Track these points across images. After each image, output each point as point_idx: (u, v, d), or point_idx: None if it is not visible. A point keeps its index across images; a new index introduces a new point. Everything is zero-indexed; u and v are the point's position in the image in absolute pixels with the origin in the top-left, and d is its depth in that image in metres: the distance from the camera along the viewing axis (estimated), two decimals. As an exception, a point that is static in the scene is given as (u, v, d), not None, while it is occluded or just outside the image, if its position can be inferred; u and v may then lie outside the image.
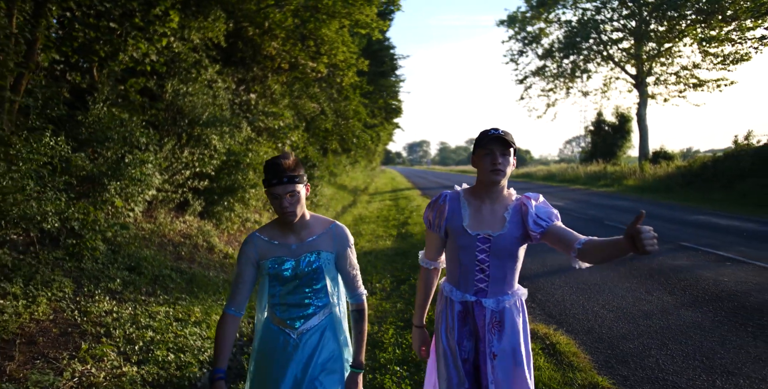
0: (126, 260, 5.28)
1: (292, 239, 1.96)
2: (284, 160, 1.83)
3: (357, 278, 2.08)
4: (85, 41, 6.42)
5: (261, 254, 1.94)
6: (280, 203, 1.84)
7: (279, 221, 1.97)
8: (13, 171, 3.77)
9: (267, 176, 1.83)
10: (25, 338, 3.46)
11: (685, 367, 3.49)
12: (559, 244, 1.86)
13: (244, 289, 1.93)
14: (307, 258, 1.95)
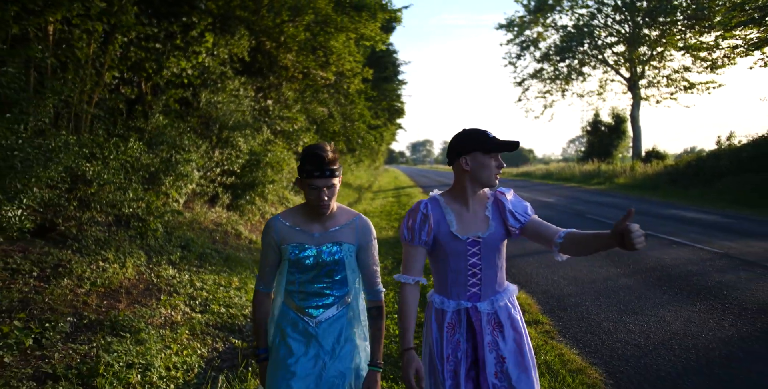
0: (178, 240, 6.55)
1: (316, 228, 1.94)
2: (326, 153, 1.82)
3: (377, 273, 2.02)
4: (137, 60, 7.69)
5: (282, 239, 1.92)
6: (318, 195, 1.82)
7: (306, 209, 1.95)
8: (108, 168, 5.04)
9: (308, 166, 1.80)
10: (123, 290, 4.73)
11: (605, 311, 4.74)
12: (539, 238, 1.89)
13: (271, 270, 1.97)
14: (329, 248, 1.93)
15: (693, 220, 10.73)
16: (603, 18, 28.89)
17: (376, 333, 2.00)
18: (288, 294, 1.99)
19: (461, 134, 1.92)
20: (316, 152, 1.81)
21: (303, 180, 1.84)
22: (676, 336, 4.06)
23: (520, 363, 1.88)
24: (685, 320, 4.41)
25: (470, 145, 1.87)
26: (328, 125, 14.20)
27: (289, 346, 1.92)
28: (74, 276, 4.40)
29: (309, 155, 1.82)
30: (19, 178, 3.41)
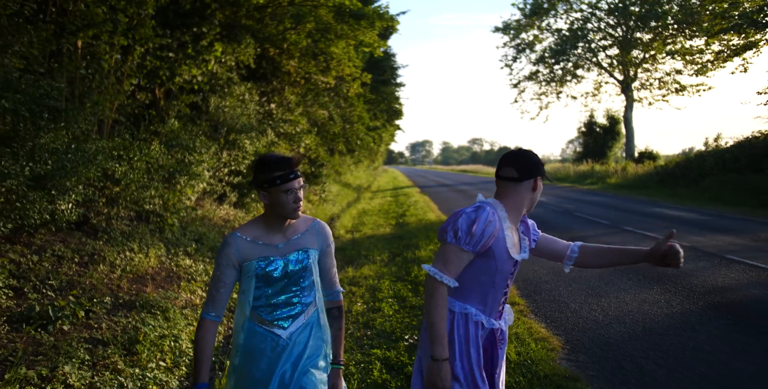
0: (192, 234, 7.17)
1: (278, 239, 1.91)
2: (284, 156, 1.84)
3: (336, 275, 2.06)
4: (152, 68, 8.30)
5: (244, 256, 1.85)
6: (294, 198, 1.81)
7: (266, 220, 1.91)
8: (133, 169, 5.66)
9: (277, 172, 1.79)
10: (149, 276, 5.36)
11: (574, 294, 5.38)
12: (548, 253, 1.92)
13: (225, 293, 1.86)
14: (296, 256, 1.92)
15: (672, 217, 11.37)
16: (596, 22, 29.56)
17: (337, 333, 2.03)
18: (253, 311, 1.91)
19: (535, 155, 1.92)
20: (279, 156, 1.83)
21: (275, 187, 1.79)
22: (630, 313, 4.70)
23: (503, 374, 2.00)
24: (641, 301, 5.05)
25: (540, 169, 1.88)
26: (328, 126, 14.84)
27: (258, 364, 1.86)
28: (107, 263, 5.03)
29: (275, 161, 1.81)
30: (68, 177, 4.03)
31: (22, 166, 3.55)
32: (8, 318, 3.47)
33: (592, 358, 3.77)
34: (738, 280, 5.75)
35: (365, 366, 3.79)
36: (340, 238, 10.22)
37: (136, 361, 3.63)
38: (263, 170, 1.81)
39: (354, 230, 11.20)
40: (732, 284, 5.63)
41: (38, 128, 3.83)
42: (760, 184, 14.39)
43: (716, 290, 5.39)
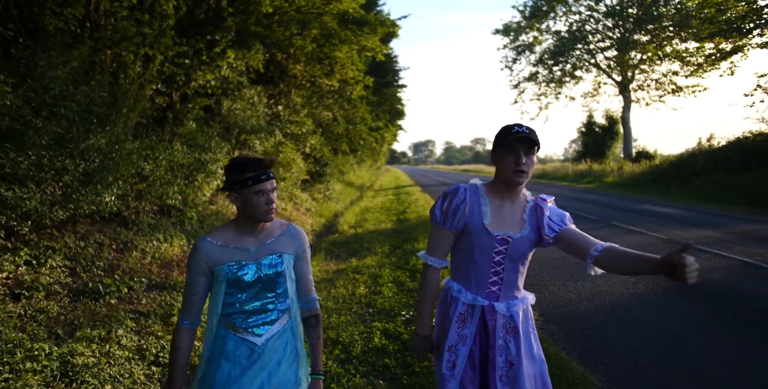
0: (208, 227, 7.82)
1: (251, 242, 1.86)
2: (256, 157, 1.81)
3: (312, 282, 2.00)
4: (169, 74, 8.95)
5: (215, 261, 1.80)
6: (267, 199, 1.78)
7: (238, 224, 1.86)
8: (159, 167, 6.31)
9: (250, 173, 1.75)
10: (174, 262, 6.01)
11: (555, 278, 6.01)
12: (572, 248, 1.82)
13: (198, 300, 1.82)
14: (269, 261, 1.86)
15: (659, 213, 11.98)
16: (594, 23, 30.15)
17: (315, 342, 1.97)
18: (226, 318, 1.84)
19: (503, 129, 1.87)
20: (251, 158, 1.80)
21: (247, 189, 1.76)
22: (600, 294, 5.34)
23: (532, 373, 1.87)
24: (611, 283, 5.68)
25: (496, 141, 1.86)
26: (332, 127, 15.50)
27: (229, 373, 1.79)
28: (139, 250, 5.69)
29: (248, 162, 1.78)
30: (110, 173, 4.68)
31: (76, 164, 4.20)
32: (69, 292, 4.12)
33: (561, 327, 4.41)
34: (705, 268, 6.38)
35: (367, 335, 4.43)
36: (344, 233, 10.87)
37: (172, 330, 4.28)
38: (235, 171, 1.78)
39: (357, 225, 11.84)
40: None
41: (88, 131, 4.48)
42: (747, 183, 14.96)
43: (681, 275, 6.03)
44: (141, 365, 3.60)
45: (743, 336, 4.15)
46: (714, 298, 5.16)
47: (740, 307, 4.88)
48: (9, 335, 3.13)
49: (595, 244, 1.76)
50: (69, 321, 3.75)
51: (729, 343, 4.00)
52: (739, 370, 3.53)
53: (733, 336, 4.17)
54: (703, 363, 3.66)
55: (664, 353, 3.85)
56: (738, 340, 4.07)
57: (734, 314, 4.71)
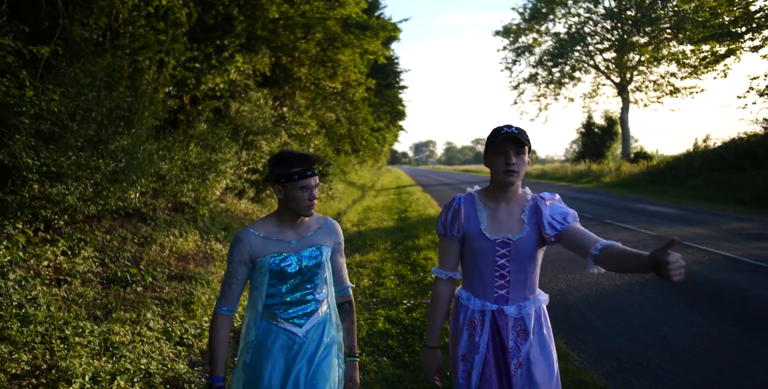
0: (219, 224, 8.23)
1: (291, 235, 1.92)
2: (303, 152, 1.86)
3: (345, 271, 2.11)
4: (181, 78, 9.35)
5: (257, 252, 1.86)
6: (310, 195, 1.83)
7: (279, 217, 1.93)
8: (174, 167, 6.71)
9: (296, 168, 1.80)
10: (190, 256, 6.41)
11: (547, 272, 6.42)
12: (574, 247, 1.80)
13: (238, 289, 1.89)
14: (309, 253, 1.93)
15: (652, 212, 12.37)
16: (593, 26, 30.54)
17: (350, 326, 2.08)
18: (267, 309, 1.92)
19: (493, 130, 1.87)
20: (298, 152, 1.86)
21: (292, 183, 1.81)
22: (587, 285, 5.74)
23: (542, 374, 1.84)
24: (599, 276, 6.09)
25: (487, 142, 1.87)
26: (335, 128, 15.90)
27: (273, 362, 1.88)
28: (158, 244, 6.09)
29: (294, 157, 1.83)
30: (135, 172, 5.08)
31: (106, 163, 4.61)
32: (100, 279, 4.53)
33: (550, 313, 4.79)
34: (687, 260, 6.77)
35: (372, 321, 4.82)
36: (347, 231, 11.26)
37: (192, 316, 4.68)
38: (281, 164, 1.83)
39: (360, 224, 12.24)
40: (682, 264, 6.67)
41: (116, 133, 4.88)
42: (740, 182, 15.34)
43: (665, 268, 6.44)
44: (168, 344, 4.00)
45: (716, 322, 4.54)
46: (693, 288, 5.56)
47: (716, 296, 5.27)
48: (58, 314, 3.53)
49: (596, 242, 1.71)
50: (104, 304, 4.15)
51: (701, 326, 4.39)
52: (708, 350, 3.92)
53: (707, 321, 4.56)
54: (675, 343, 4.05)
55: (640, 335, 4.25)
56: (710, 324, 4.46)
57: (710, 302, 5.10)
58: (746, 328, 4.36)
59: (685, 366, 3.63)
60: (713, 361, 3.71)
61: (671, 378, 3.45)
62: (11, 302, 3.40)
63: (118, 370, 3.32)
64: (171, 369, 3.61)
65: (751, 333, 4.26)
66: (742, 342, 4.04)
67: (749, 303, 5.02)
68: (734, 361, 3.69)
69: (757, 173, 15.23)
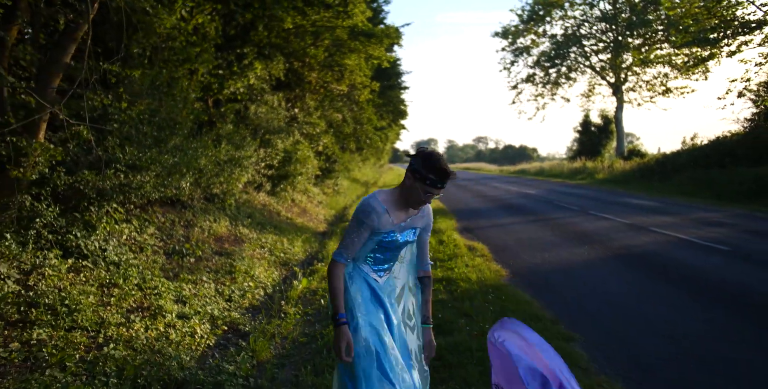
0: (244, 213, 9.35)
1: (402, 217, 2.25)
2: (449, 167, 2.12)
3: (428, 249, 2.43)
4: (206, 83, 10.46)
5: (380, 226, 2.19)
6: (428, 198, 2.14)
7: (401, 198, 2.22)
8: (209, 162, 7.83)
9: (434, 176, 2.08)
10: (224, 238, 7.54)
11: (530, 251, 7.52)
12: None
13: (358, 244, 2.21)
14: (408, 234, 2.29)
15: (634, 205, 13.47)
16: (588, 28, 31.58)
17: (428, 297, 2.38)
18: (363, 260, 2.31)
19: None
20: (443, 166, 2.09)
21: (420, 183, 2.09)
22: (561, 260, 6.86)
23: None
24: (572, 254, 7.21)
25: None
26: (342, 128, 17.03)
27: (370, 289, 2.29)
28: (198, 227, 7.22)
29: (439, 169, 2.09)
30: (185, 165, 6.20)
31: (166, 159, 5.73)
32: (164, 252, 5.66)
33: (524, 280, 5.93)
34: (646, 242, 7.91)
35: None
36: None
37: (234, 281, 5.81)
38: (426, 165, 2.10)
39: (365, 215, 13.35)
40: (640, 243, 7.81)
41: (172, 133, 6.00)
42: (720, 178, 16.42)
43: (627, 247, 7.57)
44: (221, 300, 5.13)
45: (666, 288, 5.64)
46: (648, 263, 6.68)
47: (669, 270, 6.37)
48: (146, 272, 4.67)
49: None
50: (170, 269, 5.28)
51: (648, 291, 5.50)
52: (651, 309, 5.01)
53: (655, 286, 5.66)
54: (624, 303, 5.16)
55: (596, 295, 5.36)
56: (659, 291, 5.56)
57: (657, 271, 6.21)
58: (677, 286, 5.48)
59: (615, 308, 4.74)
60: (640, 305, 4.82)
61: (607, 318, 4.56)
62: (113, 261, 4.54)
63: (193, 312, 4.45)
64: (228, 316, 4.75)
65: (679, 289, 5.38)
66: (669, 296, 5.15)
67: (688, 271, 6.14)
68: (656, 307, 4.80)
69: (735, 170, 16.30)
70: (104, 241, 4.64)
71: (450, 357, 3.63)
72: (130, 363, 3.32)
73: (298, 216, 11.90)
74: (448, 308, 4.74)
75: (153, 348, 3.66)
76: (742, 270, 6.20)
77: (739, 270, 6.20)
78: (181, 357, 3.63)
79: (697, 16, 14.85)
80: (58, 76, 4.14)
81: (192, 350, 3.88)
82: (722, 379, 3.30)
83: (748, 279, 5.77)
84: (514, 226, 10.36)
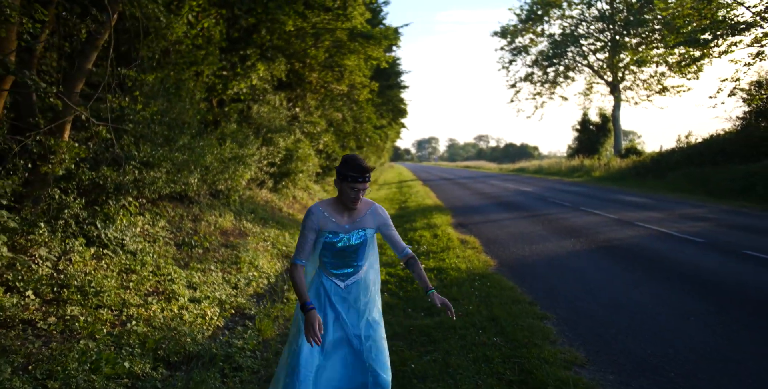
0: (248, 209, 9.78)
1: (345, 220, 2.48)
2: (366, 165, 2.37)
3: (399, 238, 2.63)
4: (211, 84, 10.88)
5: (320, 225, 2.45)
6: (355, 195, 2.39)
7: (339, 202, 2.48)
8: (215, 160, 8.25)
9: (353, 173, 2.34)
10: (229, 232, 7.96)
11: (519, 244, 7.94)
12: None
13: (308, 247, 2.48)
14: (356, 234, 2.50)
15: (625, 201, 13.88)
16: (586, 27, 31.94)
17: (419, 272, 2.60)
18: (322, 265, 2.56)
19: None
20: (360, 163, 2.35)
21: (346, 183, 2.36)
22: (548, 252, 7.28)
23: None
24: (559, 246, 7.62)
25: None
26: (342, 126, 17.46)
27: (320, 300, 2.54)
28: (204, 221, 7.65)
29: (355, 166, 2.35)
30: (193, 162, 6.63)
31: (175, 156, 6.15)
32: (174, 243, 6.09)
33: (511, 269, 6.35)
34: (629, 235, 8.33)
35: (376, 275, 6.38)
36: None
37: (240, 270, 6.24)
38: (345, 166, 2.39)
39: (365, 211, 13.77)
40: (623, 237, 8.24)
41: (181, 132, 6.42)
42: (711, 175, 16.80)
43: (610, 239, 8.00)
44: (227, 287, 5.56)
45: (637, 275, 6.06)
46: (625, 253, 7.10)
47: (642, 259, 6.79)
48: (159, 261, 5.10)
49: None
50: (181, 259, 5.72)
51: (621, 277, 5.92)
52: (620, 292, 5.42)
53: (628, 273, 6.08)
54: (597, 288, 5.57)
55: (573, 281, 5.77)
56: (631, 277, 5.97)
57: (639, 263, 6.62)
58: (648, 273, 5.90)
59: (588, 292, 5.16)
60: (611, 289, 5.24)
61: (580, 300, 4.98)
62: (130, 250, 4.97)
63: (203, 296, 4.88)
64: (235, 301, 5.17)
65: (650, 275, 5.81)
66: (638, 282, 5.57)
67: (664, 261, 6.55)
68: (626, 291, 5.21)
69: (727, 167, 16.69)
70: (122, 232, 5.07)
71: (435, 334, 4.06)
72: (151, 337, 3.75)
73: (299, 212, 12.31)
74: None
75: (169, 326, 4.09)
76: (711, 259, 6.62)
77: (708, 259, 6.62)
78: (194, 334, 4.06)
79: (688, 17, 15.23)
80: (82, 81, 4.56)
81: (204, 329, 4.31)
82: (667, 346, 3.72)
83: (714, 266, 6.18)
84: (507, 221, 10.78)
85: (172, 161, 6.08)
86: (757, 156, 16.25)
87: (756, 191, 13.31)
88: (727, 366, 3.42)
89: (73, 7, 4.66)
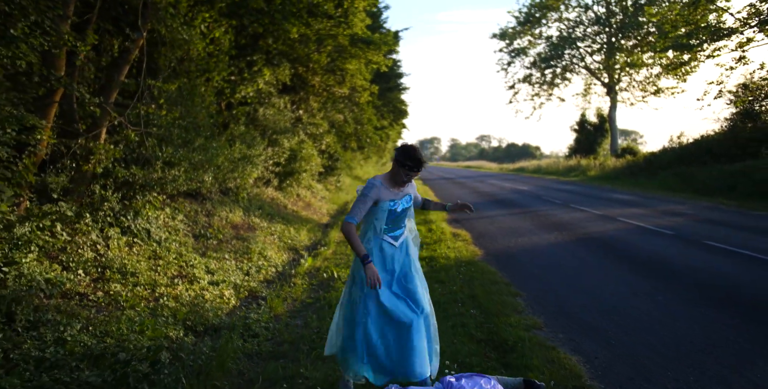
0: (255, 205, 10.46)
1: (397, 190, 3.05)
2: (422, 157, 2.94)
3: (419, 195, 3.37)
4: (220, 88, 11.56)
5: (381, 196, 2.97)
6: (408, 179, 2.98)
7: (392, 178, 3.04)
8: (225, 160, 8.93)
9: (410, 163, 2.89)
10: (239, 226, 8.65)
11: (507, 237, 8.60)
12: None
13: (364, 211, 2.95)
14: (406, 200, 3.10)
15: (614, 199, 14.52)
16: (583, 29, 32.58)
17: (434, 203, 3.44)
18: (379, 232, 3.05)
19: None
20: (417, 156, 2.93)
21: (403, 169, 2.92)
22: (532, 244, 7.94)
23: None
24: (542, 239, 8.28)
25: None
26: (344, 128, 18.15)
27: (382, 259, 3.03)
28: (217, 216, 8.33)
29: (413, 157, 2.91)
30: (207, 162, 7.31)
31: (192, 156, 6.83)
32: (192, 235, 6.77)
33: (497, 259, 7.02)
34: (608, 229, 8.99)
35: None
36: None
37: (250, 260, 6.92)
38: (404, 154, 2.92)
39: (365, 209, 14.44)
40: (602, 230, 8.91)
41: (197, 134, 7.11)
42: (699, 175, 17.43)
43: (590, 233, 8.66)
44: (240, 273, 6.24)
45: (606, 261, 6.71)
46: (601, 244, 7.76)
47: (615, 248, 7.44)
48: (181, 249, 5.78)
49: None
50: (199, 248, 6.40)
51: (592, 264, 6.57)
52: (589, 276, 6.08)
53: (599, 260, 6.73)
54: (569, 272, 6.23)
55: (548, 267, 6.43)
56: (601, 263, 6.63)
57: (612, 252, 7.27)
58: (617, 260, 6.55)
59: (560, 276, 5.82)
60: (581, 273, 5.90)
61: (552, 282, 5.64)
62: (156, 240, 5.65)
63: (220, 280, 5.57)
64: (248, 285, 5.86)
65: (619, 263, 6.47)
66: (607, 267, 6.22)
67: (640, 253, 7.21)
68: (594, 275, 5.87)
69: (714, 167, 17.32)
70: (148, 223, 5.75)
71: (423, 309, 4.72)
72: (179, 310, 4.43)
73: (303, 210, 12.99)
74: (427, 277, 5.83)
75: (194, 303, 4.77)
76: (673, 248, 7.30)
77: (671, 248, 7.30)
78: (215, 310, 4.74)
79: (675, 22, 15.87)
80: (116, 91, 5.24)
81: (223, 306, 4.99)
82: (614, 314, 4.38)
83: (673, 254, 6.85)
84: (499, 218, 11.43)
85: (189, 161, 6.76)
86: (743, 156, 16.88)
87: (737, 189, 13.95)
88: (661, 327, 4.10)
89: (107, 26, 5.34)
